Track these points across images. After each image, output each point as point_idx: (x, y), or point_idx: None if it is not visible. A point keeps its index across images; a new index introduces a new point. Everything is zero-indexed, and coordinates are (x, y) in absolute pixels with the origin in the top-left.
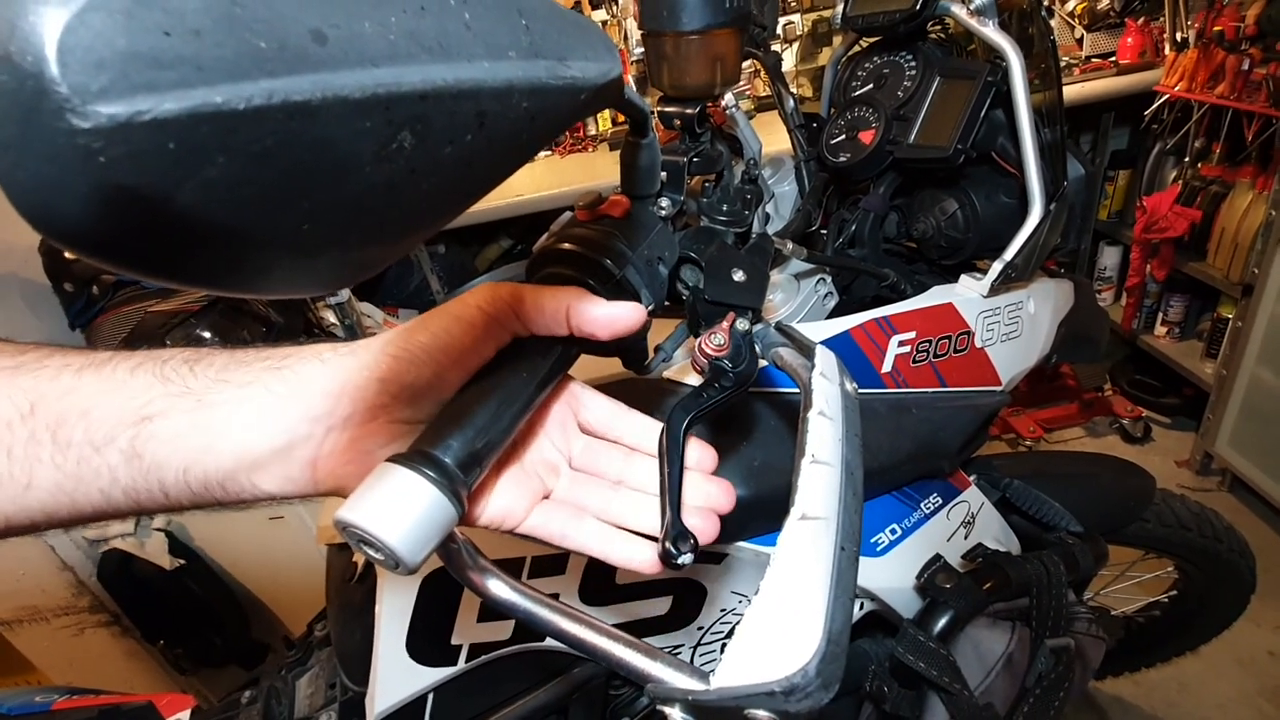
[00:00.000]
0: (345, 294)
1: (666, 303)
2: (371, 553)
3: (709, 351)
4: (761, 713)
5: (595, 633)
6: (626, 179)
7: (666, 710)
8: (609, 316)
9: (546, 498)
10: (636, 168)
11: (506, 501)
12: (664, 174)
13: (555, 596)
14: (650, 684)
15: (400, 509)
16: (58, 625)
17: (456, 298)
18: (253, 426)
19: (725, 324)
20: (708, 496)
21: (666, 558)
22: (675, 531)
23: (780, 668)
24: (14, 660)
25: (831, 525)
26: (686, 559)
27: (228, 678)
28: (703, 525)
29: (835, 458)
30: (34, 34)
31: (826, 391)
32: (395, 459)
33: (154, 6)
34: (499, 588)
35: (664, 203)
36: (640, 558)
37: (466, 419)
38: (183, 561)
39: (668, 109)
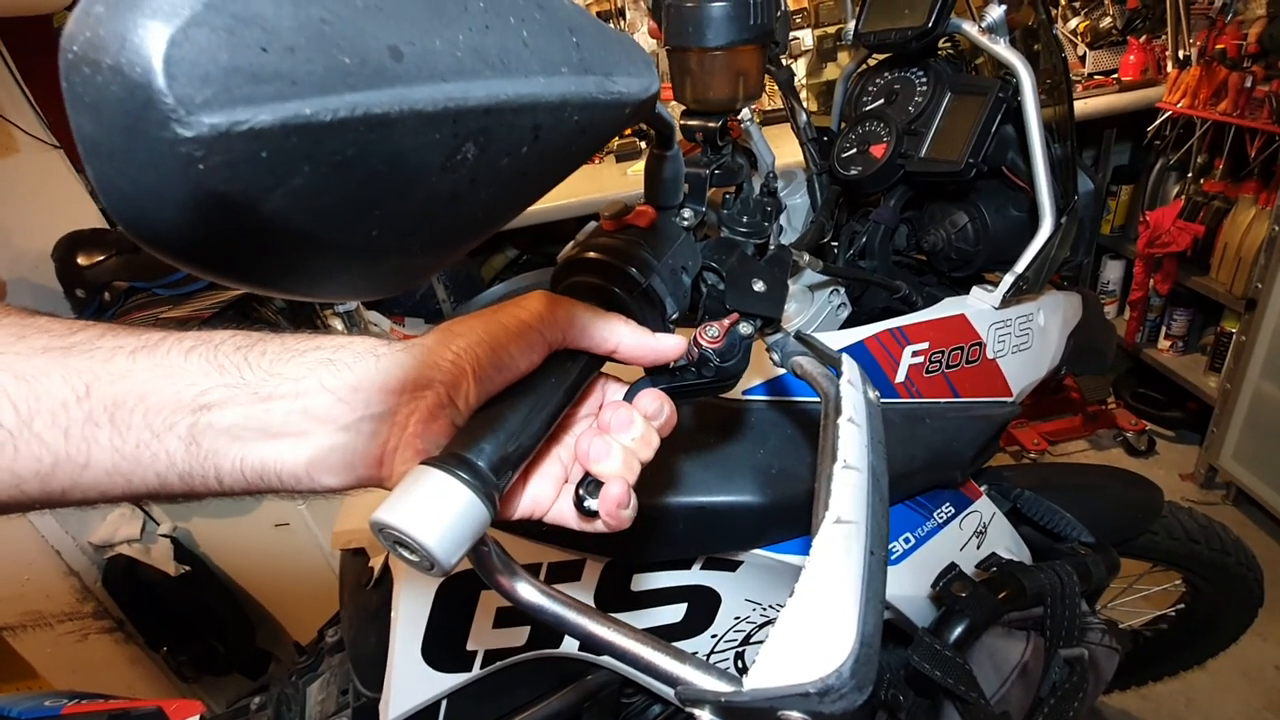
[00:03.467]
0: (353, 301)
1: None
2: (407, 554)
3: (702, 341)
4: (795, 714)
5: (624, 635)
6: (651, 190)
7: (696, 713)
8: (655, 351)
9: (567, 481)
10: (661, 179)
11: (536, 492)
12: (686, 185)
13: None
14: (680, 686)
15: (436, 511)
16: (61, 631)
17: (509, 305)
18: (310, 424)
19: (726, 321)
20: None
21: (578, 502)
22: (589, 480)
23: (814, 669)
24: (16, 666)
25: (862, 529)
26: (592, 504)
27: (231, 686)
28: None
29: (863, 463)
30: (143, 46)
31: (854, 399)
32: (429, 462)
33: (253, 24)
34: (528, 591)
35: (686, 213)
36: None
37: (499, 424)
38: (188, 568)
39: (690, 122)
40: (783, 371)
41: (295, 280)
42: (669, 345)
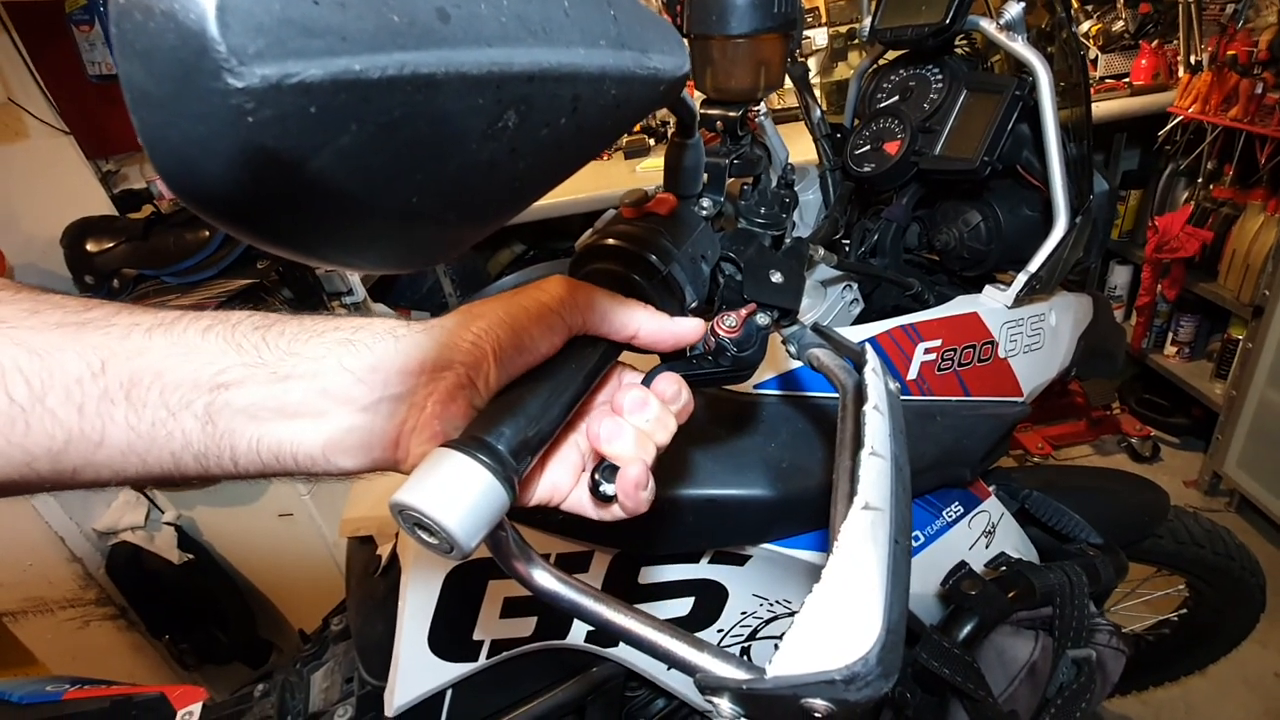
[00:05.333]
0: (361, 294)
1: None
2: (426, 538)
3: (720, 330)
4: (819, 701)
5: (642, 623)
6: (671, 178)
7: (715, 700)
8: (675, 335)
9: (585, 470)
10: (682, 168)
11: (553, 479)
12: (705, 175)
13: None
14: (699, 674)
15: (457, 494)
16: (63, 617)
17: (530, 288)
18: (328, 404)
19: (744, 311)
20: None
21: (593, 487)
22: (605, 465)
23: (840, 657)
24: (16, 652)
25: (887, 517)
26: (607, 489)
27: (232, 675)
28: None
29: (888, 451)
30: None
31: (878, 387)
32: (450, 444)
33: None
34: (544, 578)
35: (705, 203)
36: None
37: (519, 408)
38: (191, 556)
39: (711, 111)
40: (795, 366)
41: (332, 246)
42: (688, 329)
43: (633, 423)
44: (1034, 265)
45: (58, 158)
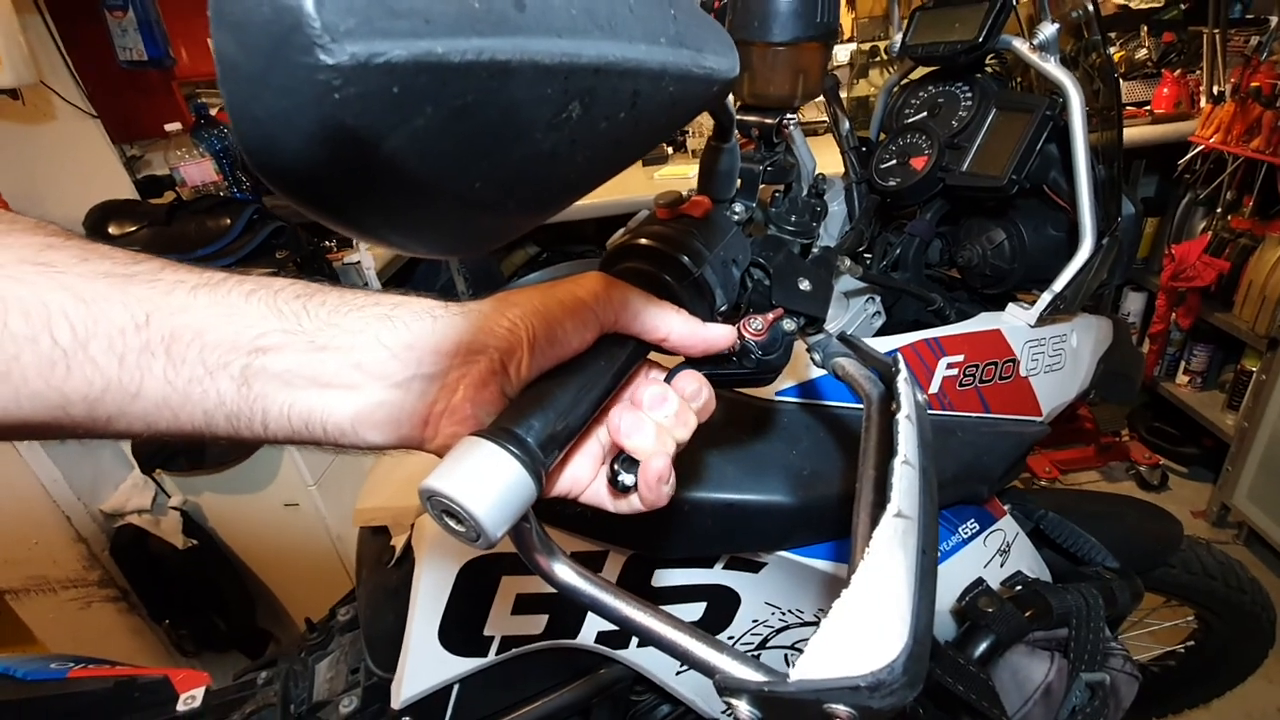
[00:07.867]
0: (376, 288)
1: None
2: (453, 524)
3: (746, 333)
4: (841, 707)
5: (662, 622)
6: (705, 181)
7: (733, 703)
8: (705, 341)
9: (605, 463)
10: (716, 171)
11: (574, 471)
12: (738, 180)
13: None
14: (718, 675)
15: (487, 482)
16: (65, 597)
17: (566, 282)
18: (362, 378)
19: (771, 315)
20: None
21: (612, 478)
22: (624, 457)
23: (865, 663)
24: (15, 630)
25: (916, 526)
26: (626, 479)
27: (229, 663)
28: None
29: (917, 461)
30: None
31: (909, 397)
32: (480, 434)
33: None
34: (566, 572)
35: (738, 207)
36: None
37: (548, 401)
38: (195, 542)
39: (747, 118)
40: (816, 375)
41: (392, 227)
42: (719, 335)
43: (653, 418)
44: (1059, 285)
45: (84, 140)
